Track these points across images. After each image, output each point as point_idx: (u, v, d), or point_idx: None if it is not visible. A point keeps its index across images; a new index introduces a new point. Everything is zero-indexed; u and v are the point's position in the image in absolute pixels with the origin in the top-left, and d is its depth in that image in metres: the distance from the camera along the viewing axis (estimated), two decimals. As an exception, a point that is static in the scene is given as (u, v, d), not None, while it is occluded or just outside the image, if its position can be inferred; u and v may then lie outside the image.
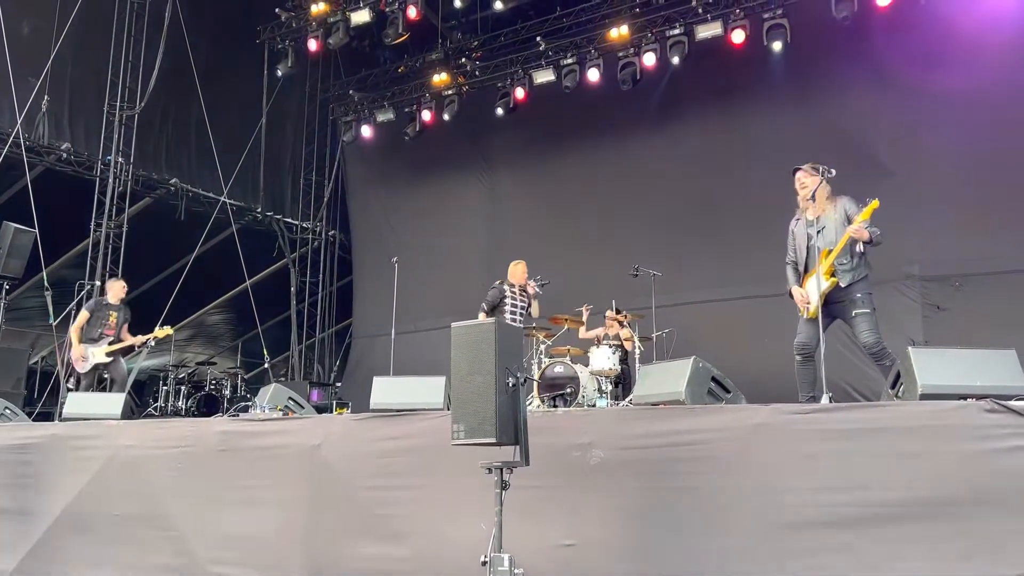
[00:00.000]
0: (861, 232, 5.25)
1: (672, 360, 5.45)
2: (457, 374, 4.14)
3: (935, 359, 4.22)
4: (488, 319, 4.22)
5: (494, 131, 13.03)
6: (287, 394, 6.93)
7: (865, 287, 5.42)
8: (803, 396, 5.39)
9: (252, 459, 5.90)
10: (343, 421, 6.11)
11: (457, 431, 4.05)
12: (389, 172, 14.33)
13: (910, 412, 4.00)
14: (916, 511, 3.77)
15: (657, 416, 4.66)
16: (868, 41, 9.95)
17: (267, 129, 13.29)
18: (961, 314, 9.00)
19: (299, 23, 12.45)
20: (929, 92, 9.62)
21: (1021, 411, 3.69)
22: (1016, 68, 9.09)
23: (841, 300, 5.35)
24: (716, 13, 10.64)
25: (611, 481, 4.53)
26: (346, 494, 5.42)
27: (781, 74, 10.64)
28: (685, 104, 11.48)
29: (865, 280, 5.44)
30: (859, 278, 5.40)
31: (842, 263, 5.37)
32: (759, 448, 4.21)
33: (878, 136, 9.81)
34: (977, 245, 9.13)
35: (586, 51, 11.72)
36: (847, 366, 8.78)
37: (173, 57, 11.72)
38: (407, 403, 5.69)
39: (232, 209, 12.64)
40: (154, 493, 6.18)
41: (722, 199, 10.91)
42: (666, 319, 9.15)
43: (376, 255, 13.95)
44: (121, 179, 11.63)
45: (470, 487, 4.66)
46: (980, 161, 9.23)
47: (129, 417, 7.43)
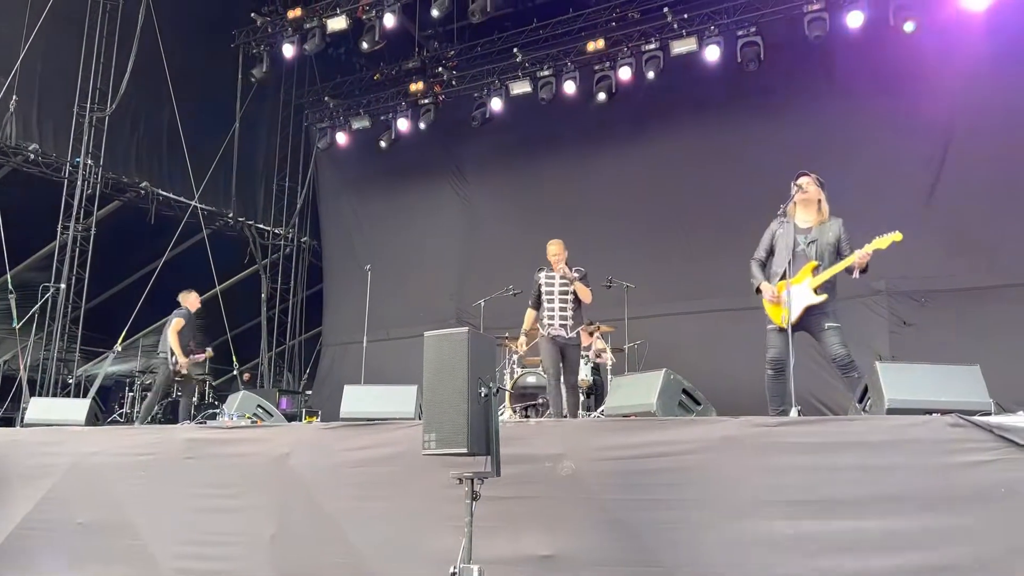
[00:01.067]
0: (865, 261, 5.27)
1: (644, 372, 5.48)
2: (429, 383, 4.13)
3: (902, 374, 4.28)
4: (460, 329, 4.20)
5: (469, 140, 13.04)
6: (256, 402, 6.87)
7: (834, 302, 5.48)
8: (773, 409, 5.42)
9: (219, 467, 5.83)
10: (313, 430, 6.07)
11: (428, 441, 4.04)
12: (362, 179, 14.28)
13: (877, 426, 4.05)
14: (882, 525, 3.82)
15: (628, 428, 4.67)
16: (839, 60, 10.13)
17: (240, 134, 13.19)
18: (927, 329, 9.15)
19: (275, 28, 12.39)
20: (896, 111, 9.80)
21: (985, 426, 3.75)
22: (980, 88, 9.28)
23: (812, 313, 5.39)
24: (691, 29, 10.77)
25: (582, 492, 4.53)
26: (315, 504, 5.36)
27: (754, 90, 10.78)
28: (659, 118, 11.58)
29: (835, 295, 5.50)
30: (833, 295, 5.46)
31: (829, 281, 5.40)
32: (728, 460, 4.23)
33: (846, 153, 9.94)
34: (942, 262, 9.30)
35: (562, 63, 11.78)
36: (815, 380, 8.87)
37: (146, 59, 11.57)
38: (378, 412, 5.66)
39: (203, 214, 12.51)
40: (118, 501, 6.08)
41: (695, 212, 11.01)
42: (638, 331, 9.20)
43: (348, 262, 13.88)
44: (90, 181, 11.47)
45: (441, 498, 4.64)
46: (946, 180, 9.41)
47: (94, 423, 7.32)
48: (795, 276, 5.39)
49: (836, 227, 5.49)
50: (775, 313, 5.48)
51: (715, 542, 4.14)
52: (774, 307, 5.49)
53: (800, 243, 5.48)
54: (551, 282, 6.90)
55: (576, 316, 6.86)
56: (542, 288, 6.91)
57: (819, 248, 5.44)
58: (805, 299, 5.36)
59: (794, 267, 5.40)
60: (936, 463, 3.80)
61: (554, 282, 6.86)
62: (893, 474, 3.86)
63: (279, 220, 14.91)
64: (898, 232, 5.27)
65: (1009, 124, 9.09)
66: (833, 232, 5.46)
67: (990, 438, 3.73)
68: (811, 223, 5.54)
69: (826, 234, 5.46)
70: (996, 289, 9.09)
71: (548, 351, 6.78)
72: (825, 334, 5.35)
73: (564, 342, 6.75)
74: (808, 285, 5.37)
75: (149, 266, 12.32)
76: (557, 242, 6.96)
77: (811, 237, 5.49)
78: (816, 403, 8.93)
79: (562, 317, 6.77)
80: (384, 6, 11.16)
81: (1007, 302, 8.97)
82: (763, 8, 10.42)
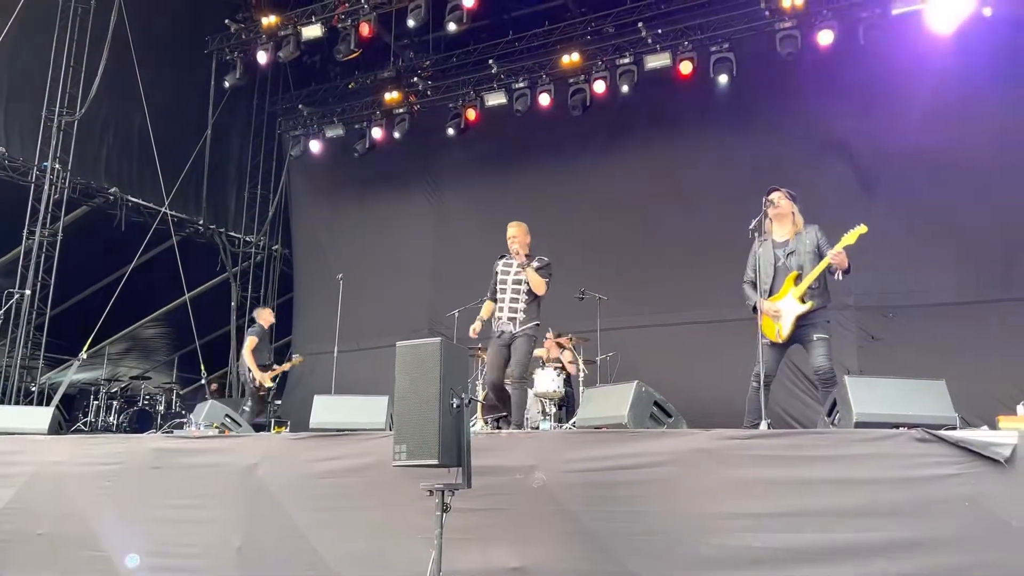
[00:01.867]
0: (842, 259, 5.30)
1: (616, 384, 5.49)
2: (400, 394, 4.11)
3: (870, 388, 4.34)
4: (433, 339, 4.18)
5: (443, 150, 13.03)
6: (224, 411, 6.79)
7: (826, 313, 5.51)
8: (748, 422, 5.45)
9: (186, 478, 5.75)
10: (281, 440, 6.01)
11: (399, 452, 4.01)
12: (335, 188, 14.21)
13: (845, 440, 4.09)
14: (849, 538, 3.85)
15: (599, 440, 4.68)
16: (810, 77, 10.26)
17: (213, 141, 13.05)
18: (894, 344, 9.27)
19: (249, 35, 12.31)
20: (866, 128, 9.96)
21: (950, 440, 3.81)
22: (949, 104, 9.46)
23: (804, 324, 5.43)
24: (665, 44, 10.87)
25: (553, 504, 4.53)
26: (283, 515, 5.30)
27: (726, 105, 10.89)
28: (633, 131, 11.66)
29: (827, 307, 5.54)
30: (824, 304, 5.49)
31: (813, 287, 5.43)
32: (699, 473, 4.25)
33: (816, 169, 10.09)
34: (909, 278, 9.45)
35: (537, 76, 11.84)
36: (786, 394, 8.97)
37: (116, 64, 11.42)
38: (348, 423, 5.62)
39: (173, 220, 12.36)
40: (81, 512, 5.97)
41: (667, 225, 11.08)
42: (610, 342, 9.22)
43: (319, 271, 13.79)
44: (57, 186, 11.28)
45: (411, 509, 4.61)
46: (913, 198, 9.56)
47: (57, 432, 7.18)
48: (779, 291, 5.45)
49: (813, 233, 5.54)
50: (769, 328, 5.51)
51: (685, 554, 4.15)
52: (768, 322, 5.52)
53: (780, 257, 5.56)
54: (507, 270, 6.34)
55: (529, 311, 6.22)
56: (498, 276, 6.37)
57: (798, 258, 5.50)
58: (793, 310, 5.41)
59: (777, 282, 5.45)
60: (903, 476, 3.85)
61: (509, 270, 6.31)
62: (861, 487, 3.90)
63: (250, 228, 14.77)
64: (863, 225, 5.33)
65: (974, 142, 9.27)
66: (811, 239, 5.52)
67: (955, 452, 3.78)
68: (787, 236, 5.61)
69: (804, 243, 5.53)
70: (961, 305, 9.25)
71: (490, 354, 6.27)
72: (813, 345, 5.39)
73: (511, 337, 6.21)
74: (793, 295, 5.43)
75: (116, 273, 12.14)
76: (517, 224, 6.35)
77: (789, 249, 5.55)
78: (786, 417, 9.00)
79: (511, 310, 6.21)
80: (360, 15, 11.14)
81: (972, 318, 9.13)
82: (736, 25, 10.56)
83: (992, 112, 9.23)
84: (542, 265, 6.28)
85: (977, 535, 3.67)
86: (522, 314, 6.20)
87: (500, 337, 6.24)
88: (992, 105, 9.25)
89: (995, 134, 9.19)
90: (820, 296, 5.46)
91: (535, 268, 6.19)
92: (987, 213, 9.24)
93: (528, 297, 6.23)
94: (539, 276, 6.19)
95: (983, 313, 9.11)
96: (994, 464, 3.70)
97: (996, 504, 3.67)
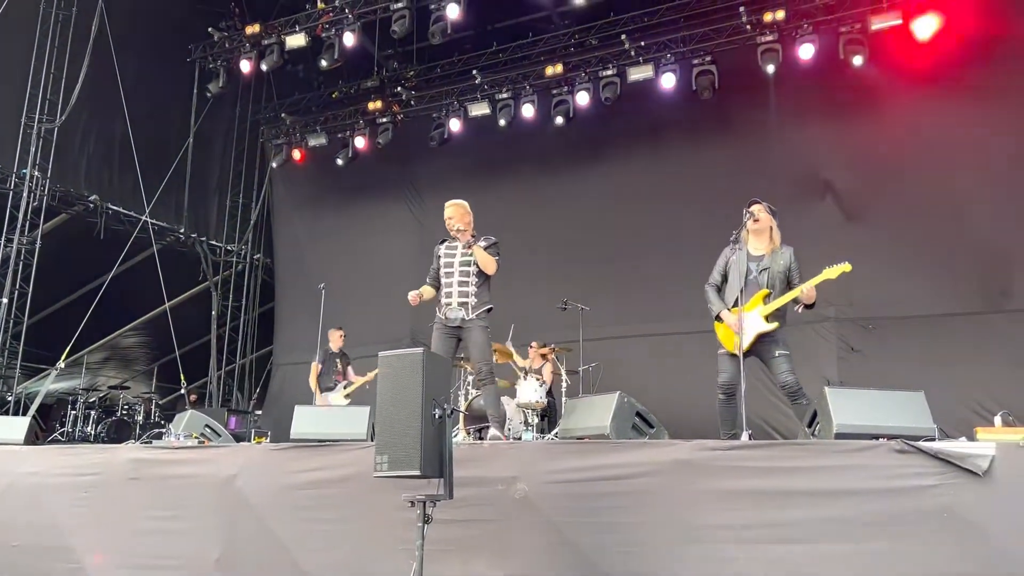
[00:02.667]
0: (811, 295, 5.37)
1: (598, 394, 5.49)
2: (382, 404, 4.08)
3: (850, 399, 4.37)
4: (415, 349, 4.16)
5: (426, 160, 13.03)
6: (204, 421, 6.73)
7: (785, 331, 5.57)
8: (724, 433, 5.47)
9: (164, 488, 5.69)
10: (261, 451, 5.95)
11: (380, 463, 3.98)
12: (317, 197, 14.16)
13: (826, 451, 4.11)
14: (830, 549, 3.87)
15: (581, 451, 4.67)
16: (790, 91, 10.37)
17: (194, 149, 13.00)
18: (874, 356, 9.35)
19: (232, 44, 12.28)
20: (846, 141, 10.08)
21: (929, 451, 3.83)
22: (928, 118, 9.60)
23: (763, 341, 5.47)
24: (648, 57, 10.94)
25: (535, 515, 4.51)
26: (262, 526, 5.25)
27: (708, 118, 10.98)
28: (616, 143, 11.72)
29: (785, 323, 5.59)
30: (784, 323, 5.56)
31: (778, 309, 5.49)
32: (680, 484, 4.26)
33: (796, 182, 10.17)
34: (889, 290, 9.53)
35: (521, 87, 11.88)
36: (766, 405, 9.00)
37: (98, 71, 11.35)
38: (329, 433, 5.58)
39: (154, 229, 12.26)
40: (57, 523, 5.89)
41: (649, 236, 11.13)
42: (593, 353, 9.23)
43: (300, 280, 13.74)
44: (36, 193, 11.17)
45: (392, 520, 4.58)
46: (893, 209, 9.67)
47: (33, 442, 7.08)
48: (747, 303, 5.48)
49: (788, 255, 5.58)
50: (727, 339, 5.54)
51: (666, 565, 4.14)
52: (727, 333, 5.55)
53: (753, 271, 5.57)
54: (451, 253, 5.94)
55: (480, 294, 5.80)
56: (441, 261, 5.95)
57: (771, 276, 5.52)
58: (756, 327, 5.44)
59: (746, 294, 5.47)
60: (883, 487, 3.87)
61: (454, 252, 5.92)
62: (841, 498, 3.92)
63: (232, 237, 14.69)
64: (847, 263, 5.37)
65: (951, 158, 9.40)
66: (784, 260, 5.55)
67: (934, 463, 3.81)
68: (763, 251, 5.63)
69: (778, 262, 5.55)
70: (939, 318, 9.35)
71: (436, 343, 5.77)
72: (775, 361, 5.44)
73: (461, 326, 5.77)
74: (759, 313, 5.46)
75: (96, 281, 12.02)
76: (454, 204, 5.98)
77: (763, 265, 5.57)
78: (767, 428, 9.04)
79: (462, 294, 5.78)
80: (344, 25, 11.14)
81: (950, 330, 9.22)
82: (718, 38, 10.65)
83: (968, 127, 9.36)
84: (490, 244, 5.89)
85: (956, 546, 3.69)
86: (474, 298, 5.77)
87: (449, 324, 5.78)
88: (968, 121, 9.37)
89: (971, 150, 9.32)
90: (783, 317, 5.53)
91: (483, 247, 5.81)
92: (963, 226, 9.36)
93: (478, 279, 5.81)
94: (488, 255, 5.79)
95: (961, 325, 9.21)
96: (972, 475, 3.73)
97: (975, 515, 3.70)
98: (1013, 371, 8.67)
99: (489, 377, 5.88)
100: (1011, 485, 3.71)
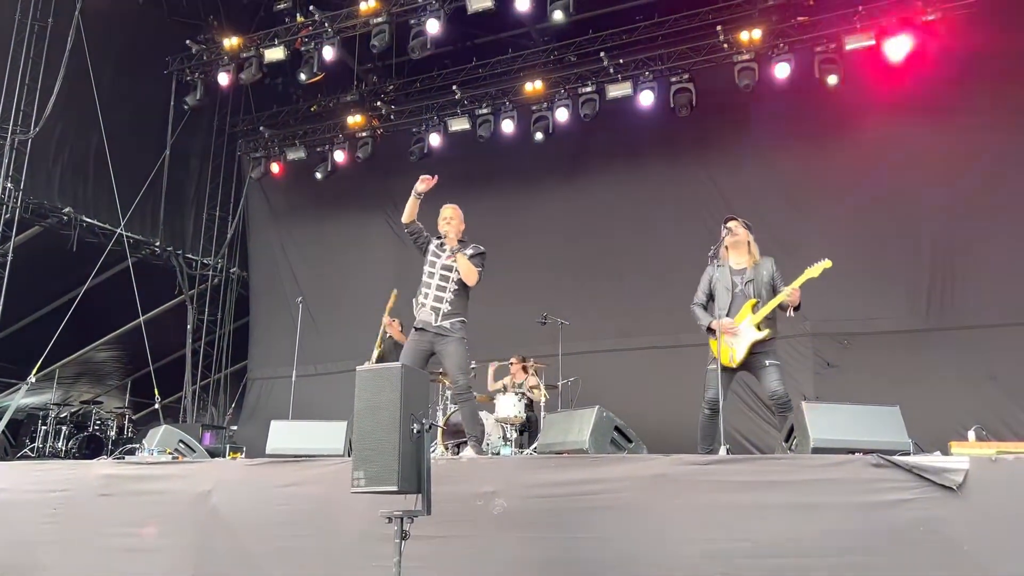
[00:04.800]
0: (795, 297, 5.46)
1: (576, 409, 5.49)
2: (360, 419, 4.05)
3: (826, 414, 4.41)
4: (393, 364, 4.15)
5: (404, 174, 12.88)
6: (178, 436, 6.66)
7: (777, 342, 5.66)
8: (702, 449, 5.50)
9: (137, 505, 5.60)
10: (236, 466, 5.89)
11: (358, 479, 3.95)
12: (294, 211, 14.08)
13: (802, 465, 4.14)
14: (807, 563, 3.88)
15: (560, 465, 4.67)
16: (767, 110, 10.48)
17: (171, 161, 12.87)
18: (849, 371, 9.42)
19: (210, 56, 12.21)
20: (822, 158, 10.21)
21: (904, 466, 3.87)
22: (901, 137, 9.74)
23: (757, 351, 5.52)
24: (626, 74, 11.02)
25: (513, 530, 4.49)
26: (237, 543, 5.19)
27: (686, 136, 11.07)
28: (595, 159, 11.78)
29: (776, 332, 5.66)
30: (776, 332, 5.62)
31: (768, 317, 5.58)
32: (659, 498, 4.26)
33: (774, 199, 10.28)
34: (864, 306, 9.64)
35: (501, 102, 11.90)
36: (744, 420, 9.06)
37: (73, 82, 11.24)
38: (305, 448, 5.54)
39: (129, 242, 12.13)
40: (26, 540, 5.79)
41: (627, 251, 11.18)
42: (572, 367, 9.23)
43: (275, 294, 13.64)
44: (9, 205, 11.01)
45: (369, 537, 4.54)
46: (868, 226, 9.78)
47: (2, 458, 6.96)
48: (736, 316, 5.54)
49: (769, 265, 5.71)
50: (723, 353, 5.57)
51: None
52: (722, 346, 5.57)
53: (738, 284, 5.68)
54: (439, 252, 5.81)
55: (456, 304, 5.64)
56: (428, 257, 5.84)
57: (756, 287, 5.63)
58: (750, 336, 5.50)
59: (734, 307, 5.55)
60: (859, 501, 3.89)
61: (441, 253, 5.79)
62: (818, 512, 3.94)
63: (208, 250, 14.54)
64: (827, 260, 5.50)
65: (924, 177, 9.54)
66: (767, 270, 5.68)
67: (910, 478, 3.84)
68: (744, 264, 5.74)
69: (761, 272, 5.68)
70: (913, 333, 9.46)
71: (408, 347, 5.65)
72: (766, 371, 5.49)
73: (434, 333, 5.61)
74: (750, 322, 5.53)
75: (69, 294, 11.86)
76: (454, 207, 5.98)
77: (747, 277, 5.68)
78: (744, 443, 9.08)
79: (436, 299, 5.65)
80: (323, 38, 11.13)
81: (924, 346, 9.34)
82: (695, 56, 10.76)
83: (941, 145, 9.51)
84: (476, 253, 5.76)
85: (931, 559, 3.72)
86: (447, 305, 5.61)
87: (422, 327, 5.65)
88: (941, 139, 9.53)
89: (945, 166, 9.46)
90: (774, 325, 5.62)
91: (468, 256, 5.69)
92: (938, 243, 9.51)
93: (457, 287, 5.67)
94: (471, 264, 5.65)
95: (935, 341, 9.33)
96: (947, 489, 3.76)
97: (950, 528, 3.73)
98: (986, 386, 8.80)
99: (467, 391, 5.72)
100: (984, 499, 3.75)
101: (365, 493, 3.97)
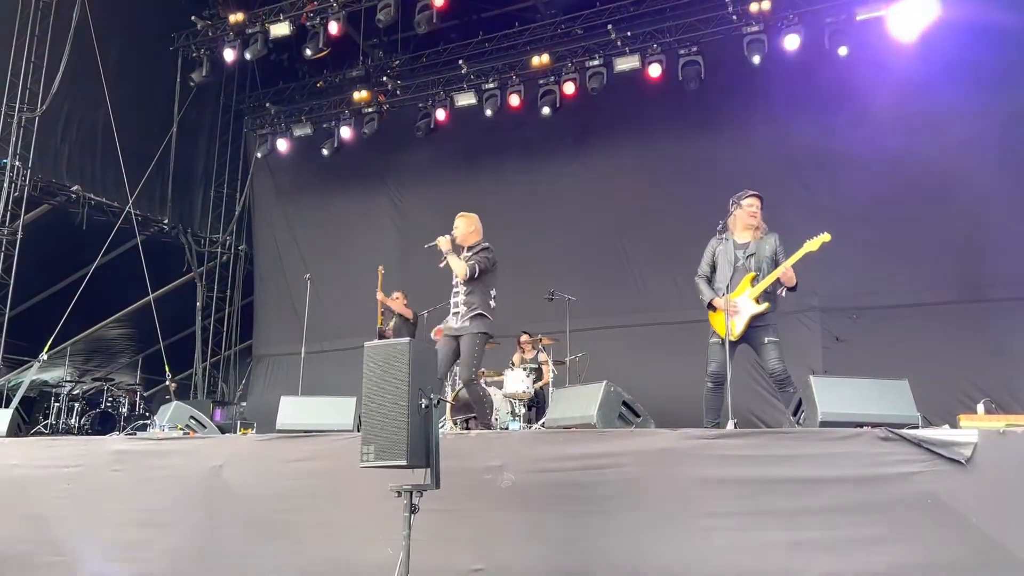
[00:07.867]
0: (790, 276, 5.47)
1: (585, 384, 5.50)
2: (368, 395, 4.07)
3: (834, 388, 4.39)
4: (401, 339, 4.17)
5: (409, 150, 12.95)
6: (189, 413, 6.71)
7: (776, 316, 5.65)
8: (708, 422, 5.52)
9: (149, 480, 5.66)
10: (247, 442, 5.94)
11: (367, 453, 3.98)
12: (300, 187, 14.07)
13: (810, 439, 4.14)
14: (815, 536, 3.89)
15: (568, 440, 4.68)
16: (776, 81, 10.36)
17: (178, 139, 12.88)
18: (858, 345, 9.39)
19: (216, 32, 12.16)
20: (831, 131, 10.08)
21: (912, 439, 3.86)
22: (912, 110, 9.63)
23: (756, 326, 5.53)
24: (634, 47, 10.92)
25: (521, 504, 4.52)
26: (248, 518, 5.24)
27: (694, 109, 10.97)
28: (602, 133, 11.69)
29: (776, 310, 5.66)
30: (775, 307, 5.61)
31: (767, 291, 5.58)
32: (666, 472, 4.27)
33: (783, 172, 10.20)
34: (873, 280, 9.59)
35: (507, 76, 11.82)
36: (752, 394, 9.05)
37: (80, 60, 11.21)
38: (315, 424, 5.57)
39: (137, 219, 12.15)
40: (40, 515, 5.86)
41: (634, 226, 11.13)
42: (580, 343, 9.24)
43: (282, 271, 13.68)
44: (17, 184, 11.03)
45: (378, 511, 4.57)
46: (877, 200, 9.70)
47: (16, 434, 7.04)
48: (736, 289, 5.53)
49: (773, 241, 5.71)
50: (721, 326, 5.57)
51: (652, 554, 4.16)
52: (720, 321, 5.58)
53: (740, 257, 5.69)
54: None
55: (470, 301, 5.90)
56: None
57: (757, 261, 5.64)
58: (748, 309, 5.51)
59: (735, 281, 5.56)
60: (867, 475, 3.89)
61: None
62: (826, 486, 3.94)
63: (216, 227, 14.58)
64: (826, 233, 5.49)
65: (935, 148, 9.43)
66: (770, 246, 5.68)
67: (917, 451, 3.84)
68: (749, 238, 5.74)
69: (763, 247, 5.67)
70: (922, 307, 9.42)
71: (440, 344, 6.07)
72: (765, 348, 5.50)
73: (455, 335, 5.98)
74: (748, 296, 5.54)
75: (79, 272, 11.91)
76: (466, 216, 6.17)
77: (750, 251, 5.68)
78: (752, 417, 9.08)
79: (455, 304, 6.00)
80: (329, 14, 11.06)
81: (933, 319, 9.30)
82: (704, 28, 10.64)
83: (952, 118, 9.40)
84: (477, 251, 5.99)
85: (940, 532, 3.72)
86: (463, 306, 5.91)
87: (447, 336, 6.07)
88: (952, 111, 9.41)
89: (955, 140, 9.35)
90: (774, 300, 5.62)
91: (467, 256, 5.95)
92: (947, 217, 9.42)
93: (466, 286, 5.93)
94: (458, 260, 5.90)
95: (944, 315, 9.29)
96: (955, 463, 3.76)
97: (957, 501, 3.73)
98: (995, 359, 8.78)
99: (468, 385, 6.00)
100: (993, 472, 3.74)
101: (374, 467, 4.00)
